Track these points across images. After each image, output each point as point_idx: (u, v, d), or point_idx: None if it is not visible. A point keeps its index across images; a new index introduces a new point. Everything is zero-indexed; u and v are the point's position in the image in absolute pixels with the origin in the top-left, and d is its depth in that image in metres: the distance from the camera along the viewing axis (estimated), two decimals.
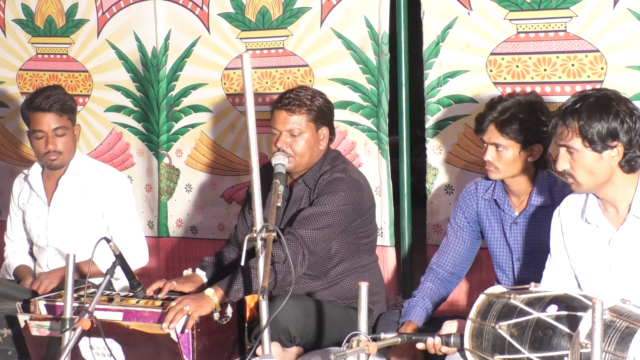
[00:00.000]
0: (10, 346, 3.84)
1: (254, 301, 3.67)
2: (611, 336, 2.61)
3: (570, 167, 2.97)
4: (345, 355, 2.70)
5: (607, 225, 3.03)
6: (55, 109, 4.17)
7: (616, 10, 3.87)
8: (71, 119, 4.24)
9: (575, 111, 2.92)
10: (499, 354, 2.81)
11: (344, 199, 3.75)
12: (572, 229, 3.11)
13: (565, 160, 2.97)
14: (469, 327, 2.95)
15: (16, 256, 4.42)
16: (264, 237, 3.18)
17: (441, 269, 3.75)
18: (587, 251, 3.07)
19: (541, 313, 2.77)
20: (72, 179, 4.28)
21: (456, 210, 3.79)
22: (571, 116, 2.92)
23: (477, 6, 4.15)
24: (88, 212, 4.25)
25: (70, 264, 3.27)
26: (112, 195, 4.27)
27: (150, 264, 5.08)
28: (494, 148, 3.53)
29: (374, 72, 4.40)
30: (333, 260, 3.84)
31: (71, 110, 4.24)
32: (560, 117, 2.96)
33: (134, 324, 3.44)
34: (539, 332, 2.74)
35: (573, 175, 2.97)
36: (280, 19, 4.62)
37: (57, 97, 4.20)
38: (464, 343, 2.95)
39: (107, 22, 5.09)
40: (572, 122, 2.91)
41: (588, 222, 3.06)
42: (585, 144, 2.91)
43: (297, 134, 3.79)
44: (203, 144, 4.92)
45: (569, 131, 2.92)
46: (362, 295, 2.82)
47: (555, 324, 2.72)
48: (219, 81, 4.83)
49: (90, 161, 4.39)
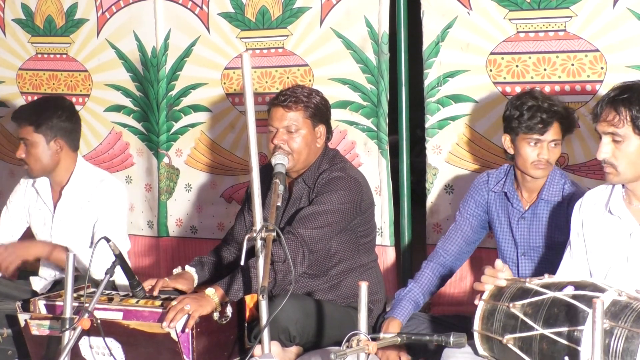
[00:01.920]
0: (10, 346, 3.84)
1: (253, 301, 3.67)
2: (628, 315, 2.61)
3: (612, 156, 2.95)
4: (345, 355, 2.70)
5: (630, 218, 3.02)
6: (25, 122, 4.20)
7: (616, 10, 3.87)
8: (45, 134, 4.20)
9: (626, 100, 2.91)
10: (510, 334, 2.78)
11: (343, 198, 3.75)
12: (594, 219, 3.10)
13: (608, 148, 2.95)
14: (481, 309, 2.92)
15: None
16: (264, 236, 3.19)
17: (446, 253, 3.77)
18: (606, 243, 3.06)
19: (557, 292, 2.75)
20: (75, 189, 4.27)
21: (467, 198, 3.82)
22: (622, 104, 2.91)
23: (477, 6, 4.15)
24: (89, 221, 4.24)
25: (70, 264, 3.27)
26: (107, 206, 4.24)
27: (149, 263, 5.09)
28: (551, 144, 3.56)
29: (373, 71, 4.40)
30: (333, 260, 3.84)
31: (45, 125, 4.20)
32: (610, 104, 2.94)
33: (134, 323, 3.44)
34: (555, 309, 2.71)
35: (614, 165, 2.95)
36: (280, 18, 4.62)
37: (36, 109, 4.22)
38: (474, 325, 2.93)
39: (107, 22, 5.09)
40: (624, 109, 2.91)
41: (611, 212, 3.05)
42: (635, 131, 2.91)
43: (293, 131, 3.80)
44: (203, 143, 4.92)
45: (620, 118, 2.91)
46: (362, 294, 2.82)
47: (572, 302, 2.69)
48: (218, 81, 4.83)
49: (94, 172, 4.36)
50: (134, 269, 3.71)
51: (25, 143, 4.21)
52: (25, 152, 4.22)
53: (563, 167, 4.02)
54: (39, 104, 4.32)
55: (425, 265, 3.78)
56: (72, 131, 4.29)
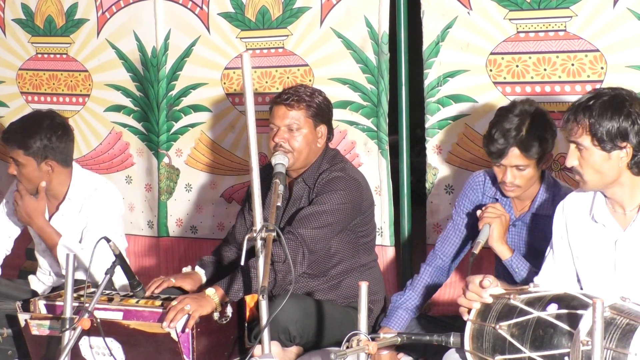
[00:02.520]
0: (10, 346, 3.85)
1: (253, 301, 3.67)
2: (612, 333, 2.60)
3: (579, 164, 2.93)
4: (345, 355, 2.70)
5: (615, 225, 3.01)
6: (14, 145, 4.13)
7: (616, 10, 3.87)
8: (35, 156, 4.13)
9: (587, 108, 2.88)
10: (500, 355, 2.81)
11: (343, 198, 3.75)
12: (578, 226, 3.09)
13: (574, 156, 2.94)
14: (469, 329, 2.94)
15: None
16: (264, 236, 3.19)
17: (444, 255, 3.76)
18: (592, 250, 3.05)
19: (541, 312, 2.76)
20: (71, 202, 4.26)
21: (462, 197, 3.80)
22: (582, 113, 2.88)
23: (477, 6, 4.14)
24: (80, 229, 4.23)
25: (70, 264, 3.27)
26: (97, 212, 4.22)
27: (150, 263, 5.09)
28: (514, 169, 3.51)
29: (373, 71, 4.40)
30: (333, 260, 3.84)
31: (35, 148, 4.12)
32: (572, 112, 2.92)
33: (134, 323, 3.44)
34: (540, 330, 2.74)
35: (580, 173, 2.94)
36: (280, 18, 4.62)
37: (26, 131, 4.13)
38: (464, 345, 2.95)
39: (107, 22, 5.09)
40: (583, 119, 2.88)
41: (595, 220, 3.04)
42: (594, 143, 2.88)
43: (295, 130, 3.80)
44: (203, 143, 4.92)
45: (579, 128, 2.89)
46: (362, 294, 2.82)
47: (556, 322, 2.71)
48: (218, 81, 4.83)
49: (89, 180, 4.31)
50: (134, 269, 3.71)
51: (16, 163, 4.15)
52: (17, 171, 4.16)
53: (563, 167, 4.02)
54: (28, 125, 4.18)
55: (424, 269, 3.76)
56: (64, 150, 4.21)
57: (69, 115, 5.24)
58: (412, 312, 3.67)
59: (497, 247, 3.51)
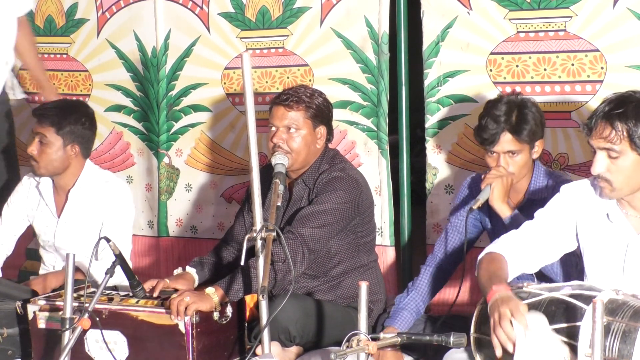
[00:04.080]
0: (10, 346, 3.85)
1: (253, 301, 3.68)
2: (625, 311, 2.63)
3: (608, 171, 2.89)
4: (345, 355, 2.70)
5: (629, 227, 2.99)
6: (47, 121, 4.19)
7: (616, 9, 3.87)
8: (64, 136, 4.20)
9: (622, 114, 2.85)
10: None
11: (343, 198, 3.75)
12: (591, 222, 3.06)
13: (603, 164, 2.90)
14: (477, 312, 2.93)
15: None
16: (264, 236, 3.19)
17: (444, 256, 3.76)
18: (603, 249, 3.03)
19: (555, 293, 2.76)
20: (82, 192, 4.28)
21: (457, 200, 3.81)
22: (618, 118, 2.85)
23: (477, 6, 4.15)
24: (94, 223, 4.26)
25: (70, 264, 3.27)
26: (113, 207, 4.27)
27: (149, 263, 5.10)
28: (507, 155, 3.53)
29: (373, 71, 4.40)
30: (333, 260, 3.84)
31: (68, 129, 4.20)
32: (605, 118, 2.88)
33: (143, 314, 3.46)
34: (552, 307, 2.72)
35: (609, 180, 2.90)
36: (280, 18, 4.62)
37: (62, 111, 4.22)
38: (470, 329, 2.93)
39: (107, 22, 5.09)
40: (620, 124, 2.85)
41: (610, 220, 3.02)
42: (632, 147, 2.86)
43: (294, 130, 3.80)
44: (203, 143, 4.92)
45: (617, 134, 2.86)
46: (362, 294, 2.82)
47: (570, 300, 2.70)
48: (218, 81, 4.83)
49: (99, 173, 4.37)
50: (134, 269, 3.71)
51: (42, 141, 4.19)
52: (39, 149, 4.20)
53: (563, 167, 4.02)
54: (66, 107, 4.30)
55: (424, 270, 3.76)
56: (89, 139, 4.31)
57: None
58: (416, 313, 3.67)
59: (497, 206, 3.53)
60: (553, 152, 4.05)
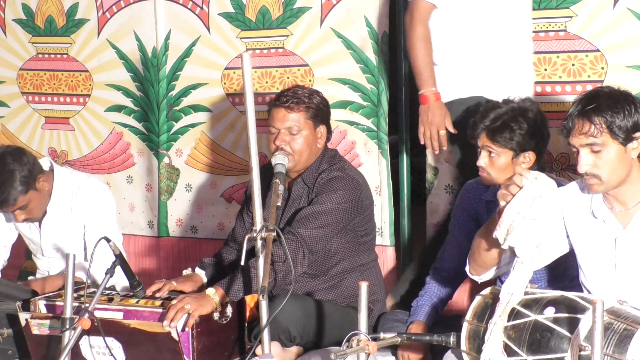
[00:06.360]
0: (10, 346, 3.85)
1: (254, 301, 3.67)
2: (609, 338, 2.60)
3: (594, 166, 2.90)
4: (345, 355, 2.70)
5: (614, 222, 3.00)
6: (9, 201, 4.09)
7: (616, 10, 3.87)
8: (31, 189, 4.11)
9: (597, 108, 2.87)
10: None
11: (343, 197, 3.75)
12: (578, 220, 3.07)
13: (588, 160, 2.90)
14: (466, 329, 2.94)
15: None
16: (264, 236, 3.19)
17: (446, 266, 3.74)
18: (593, 246, 3.04)
19: (538, 315, 2.76)
20: (57, 200, 4.27)
21: (458, 208, 3.78)
22: (594, 113, 2.87)
23: None
24: (75, 228, 4.26)
25: (70, 264, 3.27)
26: (91, 210, 4.25)
27: (150, 263, 5.10)
28: (487, 154, 3.51)
29: (373, 71, 4.41)
30: (333, 259, 3.84)
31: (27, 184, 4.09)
32: (582, 116, 2.89)
33: (135, 323, 3.44)
34: (537, 334, 2.73)
35: (597, 175, 2.91)
36: (280, 18, 4.62)
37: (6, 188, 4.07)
38: (461, 345, 2.94)
39: (108, 22, 5.09)
40: (597, 118, 2.86)
41: (595, 216, 3.04)
42: (613, 137, 2.87)
43: (295, 132, 3.80)
44: (203, 143, 4.92)
45: (596, 127, 2.87)
46: (362, 294, 2.82)
47: (553, 327, 2.71)
48: (219, 81, 4.83)
49: (71, 178, 4.32)
50: (134, 269, 3.71)
51: (23, 208, 4.13)
52: (25, 214, 4.16)
53: (564, 168, 4.02)
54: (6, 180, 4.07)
55: (429, 282, 3.74)
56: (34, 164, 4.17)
57: (69, 115, 5.25)
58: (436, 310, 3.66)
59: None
60: (554, 152, 4.05)
